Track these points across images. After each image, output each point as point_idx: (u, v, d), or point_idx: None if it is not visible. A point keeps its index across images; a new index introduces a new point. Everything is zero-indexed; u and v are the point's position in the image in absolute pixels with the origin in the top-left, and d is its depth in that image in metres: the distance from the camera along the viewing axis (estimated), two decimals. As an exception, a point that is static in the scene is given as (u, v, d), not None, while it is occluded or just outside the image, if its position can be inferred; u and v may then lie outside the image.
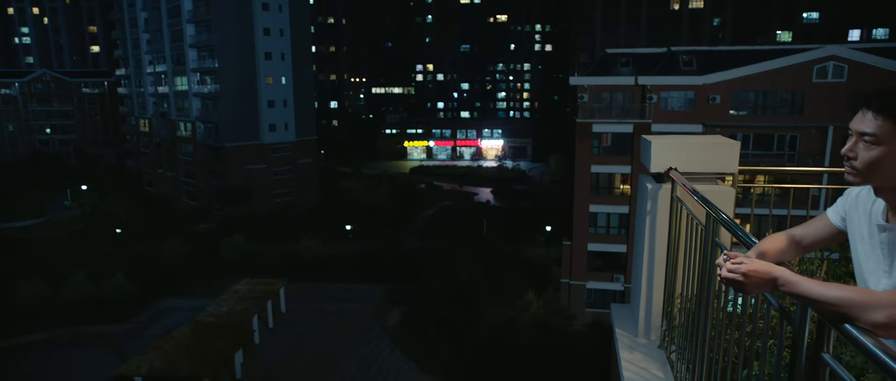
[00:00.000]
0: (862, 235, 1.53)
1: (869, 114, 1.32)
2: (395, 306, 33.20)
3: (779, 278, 1.36)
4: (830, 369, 1.30)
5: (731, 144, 3.31)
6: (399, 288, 35.11)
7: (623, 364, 3.33)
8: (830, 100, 25.51)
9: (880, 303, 1.17)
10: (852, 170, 1.38)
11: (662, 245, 3.37)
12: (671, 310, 3.26)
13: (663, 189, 3.34)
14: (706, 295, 2.48)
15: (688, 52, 29.24)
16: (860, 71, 25.46)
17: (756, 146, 27.46)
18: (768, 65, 26.45)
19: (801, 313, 1.41)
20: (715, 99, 27.20)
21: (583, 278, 30.13)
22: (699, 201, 2.50)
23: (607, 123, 28.32)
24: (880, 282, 1.46)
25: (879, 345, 1.11)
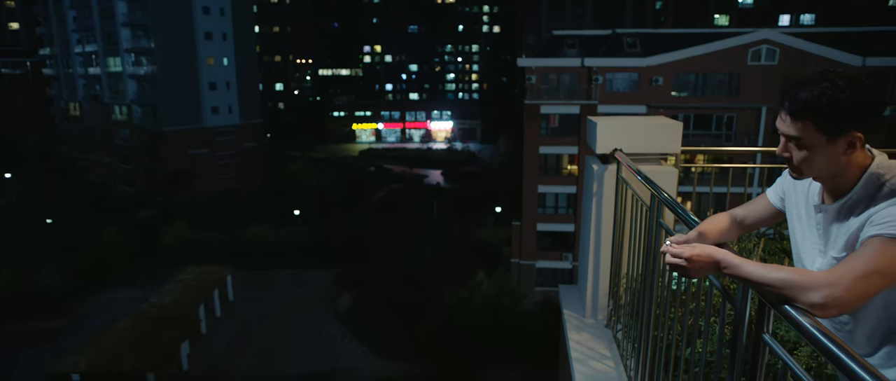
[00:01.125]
0: (799, 215, 1.56)
1: (788, 117, 1.34)
2: (345, 290, 32.94)
3: (721, 262, 1.37)
4: (770, 348, 1.32)
5: (673, 124, 3.36)
6: (350, 272, 34.83)
7: (571, 345, 3.37)
8: (764, 82, 26.66)
9: (818, 284, 1.19)
10: (792, 169, 1.42)
11: (608, 226, 3.41)
12: (617, 290, 3.31)
13: (609, 170, 3.37)
14: (650, 274, 2.51)
15: (632, 34, 29.87)
16: (790, 54, 26.69)
17: (696, 126, 28.47)
18: (707, 48, 27.35)
19: (743, 293, 1.42)
20: (658, 81, 27.96)
21: (532, 258, 30.68)
22: (643, 181, 2.52)
23: (555, 104, 28.71)
24: (815, 261, 1.49)
25: (816, 325, 1.13)
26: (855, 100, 1.26)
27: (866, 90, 1.27)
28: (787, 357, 1.23)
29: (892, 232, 1.22)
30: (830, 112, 1.28)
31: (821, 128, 1.30)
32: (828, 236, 1.45)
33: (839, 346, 1.03)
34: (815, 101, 1.28)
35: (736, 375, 1.54)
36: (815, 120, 1.30)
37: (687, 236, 1.65)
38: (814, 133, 1.31)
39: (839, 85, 1.26)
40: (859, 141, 1.31)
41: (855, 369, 0.97)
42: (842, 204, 1.40)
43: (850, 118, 1.28)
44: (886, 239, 1.22)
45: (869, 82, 1.27)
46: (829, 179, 1.40)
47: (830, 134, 1.30)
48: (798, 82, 1.32)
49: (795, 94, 1.31)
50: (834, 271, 1.21)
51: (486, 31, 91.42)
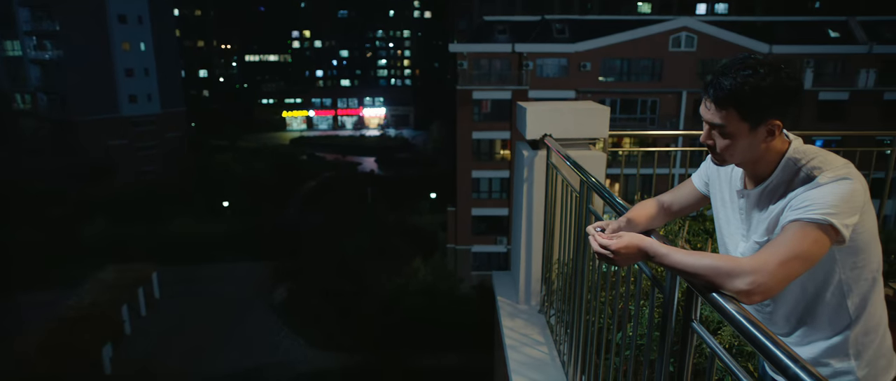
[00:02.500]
0: (723, 200, 1.58)
1: (712, 105, 1.34)
2: (279, 282, 32.13)
3: (647, 251, 1.37)
4: (697, 334, 1.32)
5: (601, 109, 3.38)
6: (283, 264, 33.98)
7: (505, 332, 3.36)
8: (684, 67, 27.92)
9: (743, 270, 1.20)
10: (715, 156, 1.43)
11: (540, 211, 3.40)
12: (549, 275, 3.32)
13: (539, 156, 3.35)
14: (581, 259, 2.51)
15: (560, 20, 30.43)
16: (707, 41, 28.06)
17: (622, 111, 29.47)
18: (632, 34, 28.29)
19: (671, 280, 1.42)
20: (586, 66, 28.69)
21: (468, 243, 30.98)
22: (572, 166, 2.50)
23: (486, 89, 28.93)
24: (739, 246, 1.51)
25: (740, 310, 1.14)
26: (776, 88, 1.27)
27: (786, 78, 1.28)
28: (714, 345, 1.23)
29: (809, 216, 1.24)
30: (753, 100, 1.28)
31: (743, 116, 1.31)
32: (750, 220, 1.47)
33: (761, 330, 1.05)
34: (738, 88, 1.28)
35: (665, 358, 1.54)
36: (739, 108, 1.30)
37: (617, 222, 1.64)
38: (737, 121, 1.32)
39: (761, 73, 1.27)
40: (778, 128, 1.34)
41: (775, 352, 0.99)
42: (762, 189, 1.42)
43: (772, 106, 1.30)
44: (804, 223, 1.24)
45: (787, 70, 1.29)
46: (749, 164, 1.42)
47: (752, 122, 1.32)
48: (721, 70, 1.32)
49: (719, 82, 1.31)
50: (757, 258, 1.22)
51: (417, 16, 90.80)
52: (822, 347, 1.42)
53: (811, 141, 5.14)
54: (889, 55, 28.75)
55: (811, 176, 1.30)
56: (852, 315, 1.38)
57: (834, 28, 29.98)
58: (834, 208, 1.23)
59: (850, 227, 1.25)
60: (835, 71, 29.27)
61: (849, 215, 1.24)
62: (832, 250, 1.32)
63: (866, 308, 1.39)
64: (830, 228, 1.23)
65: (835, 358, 1.41)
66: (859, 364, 1.40)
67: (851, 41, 29.24)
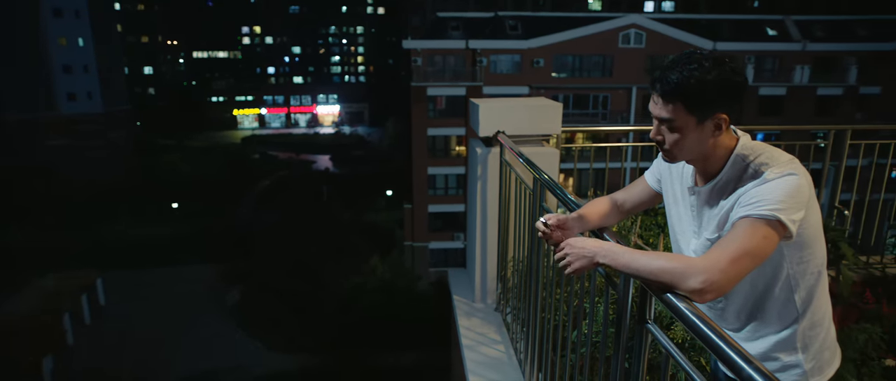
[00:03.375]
0: (675, 197, 1.58)
1: (659, 99, 1.35)
2: (232, 284, 31.32)
3: (597, 255, 1.36)
4: (652, 335, 1.31)
5: (554, 106, 3.38)
6: (236, 265, 33.14)
7: (461, 331, 3.32)
8: (633, 63, 28.59)
9: (696, 269, 1.20)
10: (665, 153, 1.43)
11: (494, 209, 3.38)
12: (505, 273, 3.30)
13: (492, 153, 3.33)
14: (536, 257, 2.50)
15: (513, 17, 30.67)
16: (655, 38, 28.84)
17: (575, 106, 29.97)
18: (583, 31, 28.78)
19: (624, 279, 1.40)
20: (539, 62, 29.02)
21: (425, 240, 30.95)
22: (526, 164, 2.48)
23: (441, 86, 28.92)
24: (690, 243, 1.51)
25: (692, 308, 1.15)
26: (721, 81, 1.29)
27: (730, 72, 1.30)
28: (668, 345, 1.22)
29: (758, 212, 1.25)
30: (699, 93, 1.29)
31: (690, 109, 1.32)
32: (701, 217, 1.48)
33: (712, 328, 1.06)
34: (685, 82, 1.29)
35: (621, 355, 1.54)
36: (685, 101, 1.31)
37: (568, 216, 1.64)
38: (684, 115, 1.33)
39: (706, 66, 1.29)
40: (725, 123, 1.34)
41: (726, 350, 1.00)
42: (712, 186, 1.43)
43: (717, 100, 1.31)
44: (754, 220, 1.25)
45: (732, 65, 1.31)
46: (699, 161, 1.43)
47: (699, 115, 1.32)
48: (668, 65, 1.33)
49: (666, 76, 1.32)
50: (709, 256, 1.22)
51: (370, 12, 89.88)
52: (772, 341, 1.44)
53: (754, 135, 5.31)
54: (821, 53, 30.22)
55: (759, 172, 1.31)
56: (799, 309, 1.41)
57: (771, 26, 31.29)
58: (781, 204, 1.24)
59: (797, 222, 1.26)
60: (773, 67, 30.57)
61: (795, 211, 1.26)
62: (780, 246, 1.33)
63: (812, 302, 1.41)
64: (778, 223, 1.24)
65: (783, 352, 1.43)
66: (806, 357, 1.43)
67: (787, 39, 30.58)
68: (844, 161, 4.29)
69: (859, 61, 30.14)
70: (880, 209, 4.44)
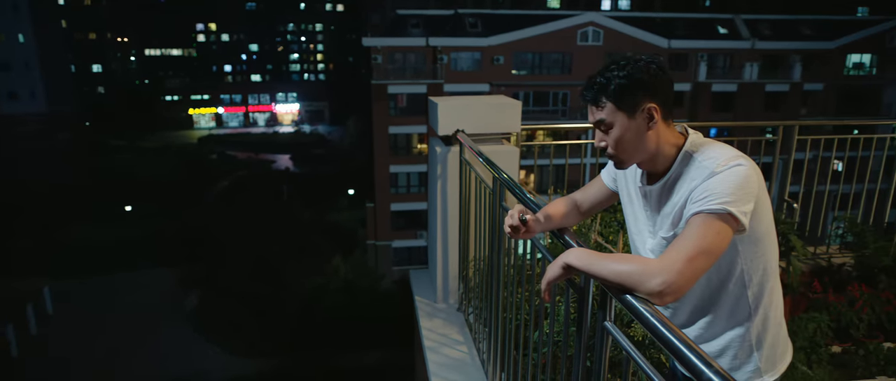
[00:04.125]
0: (629, 196, 1.59)
1: (592, 106, 1.42)
2: (190, 288, 30.49)
3: (566, 261, 1.37)
4: (613, 337, 1.30)
5: (513, 103, 3.37)
6: (195, 269, 32.28)
7: (423, 332, 3.28)
8: (592, 61, 29.04)
9: (653, 272, 1.20)
10: (613, 159, 1.47)
11: (455, 208, 3.35)
12: (467, 273, 3.28)
13: (452, 152, 3.30)
14: (497, 256, 2.48)
15: (473, 14, 30.75)
16: (612, 36, 29.37)
17: (535, 103, 30.27)
18: (542, 28, 29.07)
19: (585, 280, 1.40)
20: (499, 60, 29.19)
21: (388, 238, 30.78)
22: (485, 163, 2.46)
23: (402, 84, 28.78)
24: (646, 242, 1.52)
25: (652, 311, 1.14)
26: (639, 72, 1.35)
27: (646, 63, 1.37)
28: (628, 346, 1.21)
29: (709, 208, 1.26)
30: (622, 88, 1.36)
31: (619, 105, 1.38)
32: (655, 216, 1.49)
33: (670, 329, 1.07)
34: (607, 82, 1.37)
35: (582, 354, 1.53)
36: (612, 99, 1.38)
37: (535, 216, 1.67)
38: (614, 112, 1.39)
39: (622, 64, 1.37)
40: (656, 112, 1.38)
41: (684, 351, 1.01)
42: (663, 184, 1.44)
43: (640, 90, 1.36)
44: (706, 216, 1.26)
45: (647, 59, 1.38)
46: (648, 162, 1.45)
47: (628, 109, 1.37)
48: (592, 75, 1.43)
49: (592, 82, 1.41)
50: (664, 258, 1.22)
51: (329, 9, 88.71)
52: (726, 338, 1.45)
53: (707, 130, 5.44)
54: (769, 51, 31.39)
55: (707, 167, 1.32)
56: (752, 305, 1.42)
57: (722, 25, 32.30)
58: (731, 196, 1.25)
59: (748, 214, 1.27)
60: (724, 65, 31.57)
61: (745, 202, 1.27)
62: (735, 241, 1.35)
63: (764, 298, 1.43)
64: (730, 217, 1.25)
65: (737, 348, 1.45)
66: (760, 353, 1.45)
67: (737, 37, 31.62)
68: (793, 155, 4.43)
69: (803, 59, 31.42)
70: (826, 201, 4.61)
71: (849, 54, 31.97)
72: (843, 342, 3.63)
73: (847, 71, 32.27)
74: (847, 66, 32.21)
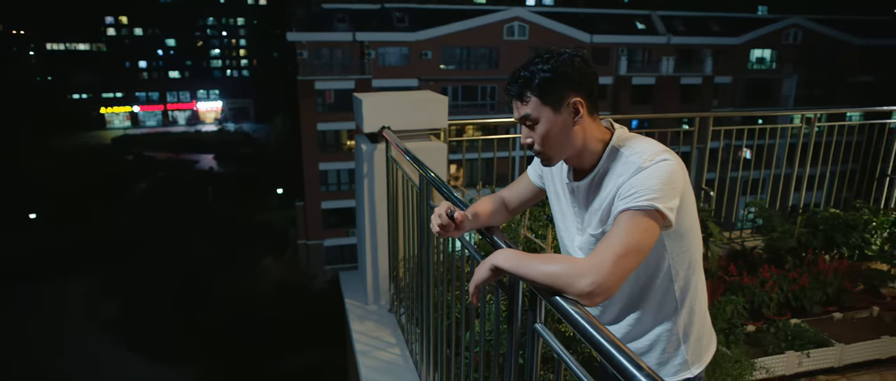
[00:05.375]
0: (556, 193, 1.57)
1: (516, 101, 1.38)
2: (112, 297, 28.70)
3: (494, 263, 1.33)
4: (543, 339, 1.27)
5: (439, 99, 3.32)
6: (113, 276, 30.41)
7: (354, 336, 3.19)
8: (518, 55, 29.53)
9: (582, 272, 1.17)
10: (540, 156, 1.43)
11: (383, 207, 3.27)
12: (397, 273, 3.21)
13: (378, 149, 3.21)
14: (426, 256, 2.43)
15: (400, 9, 30.53)
16: (537, 31, 30.01)
17: (464, 98, 30.48)
18: (469, 23, 29.28)
19: (513, 281, 1.36)
20: (427, 55, 29.16)
21: (320, 237, 30.17)
22: (412, 161, 2.39)
23: (329, 80, 28.21)
24: (575, 240, 1.50)
25: (581, 312, 1.11)
26: (562, 66, 1.32)
27: (569, 57, 1.34)
28: (558, 348, 1.19)
29: (636, 204, 1.24)
30: (546, 82, 1.33)
31: (543, 99, 1.34)
32: (583, 213, 1.47)
33: (598, 329, 1.04)
34: (531, 76, 1.34)
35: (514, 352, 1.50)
36: (537, 94, 1.34)
37: (463, 213, 1.62)
38: (539, 107, 1.35)
39: (546, 57, 1.34)
40: (582, 106, 1.35)
41: (614, 353, 0.99)
42: (590, 180, 1.41)
43: (565, 83, 1.33)
44: (633, 213, 1.24)
45: (571, 52, 1.35)
46: (574, 158, 1.42)
47: (553, 103, 1.34)
48: (515, 70, 1.38)
49: (515, 77, 1.37)
50: (593, 258, 1.20)
51: (251, 3, 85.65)
52: (655, 333, 1.46)
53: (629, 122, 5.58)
54: (683, 46, 33.11)
55: (633, 162, 1.31)
56: (679, 299, 1.43)
57: (640, 21, 33.73)
58: (658, 192, 1.24)
59: (674, 210, 1.26)
60: (643, 59, 33.00)
61: (672, 198, 1.26)
62: (662, 237, 1.34)
63: (690, 291, 1.44)
64: (657, 213, 1.24)
65: (665, 342, 1.46)
66: (687, 346, 1.46)
67: (654, 33, 33.13)
68: (708, 144, 4.64)
69: (714, 54, 33.37)
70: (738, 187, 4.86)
71: (752, 50, 34.22)
72: (756, 321, 3.84)
73: (751, 65, 34.54)
74: (751, 60, 34.48)
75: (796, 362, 3.49)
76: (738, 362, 3.12)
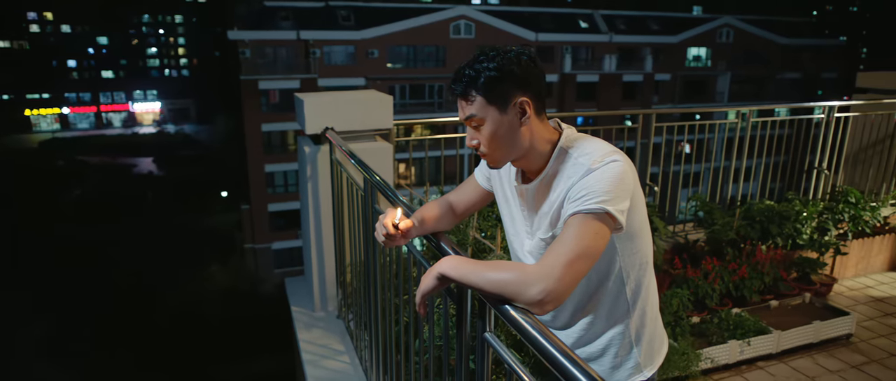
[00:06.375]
0: (505, 196, 1.52)
1: (461, 100, 1.32)
2: (45, 314, 27.08)
3: (441, 272, 1.26)
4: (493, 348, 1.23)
5: (384, 98, 3.24)
6: (49, 290, 28.72)
7: (301, 345, 3.08)
8: (465, 53, 29.67)
9: (533, 279, 1.12)
10: (486, 158, 1.37)
11: (328, 211, 3.17)
12: (344, 278, 3.11)
13: (322, 151, 3.11)
14: (372, 261, 2.35)
15: (345, 7, 30.12)
16: (483, 29, 30.23)
17: (412, 96, 30.38)
18: (415, 21, 29.18)
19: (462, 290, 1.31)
20: (374, 53, 28.88)
21: (267, 241, 29.45)
22: (357, 164, 2.31)
23: (273, 79, 27.54)
24: (524, 244, 1.46)
25: (532, 321, 1.07)
26: (508, 65, 1.27)
27: (516, 56, 1.28)
28: (509, 359, 1.14)
29: (586, 207, 1.20)
30: (492, 81, 1.27)
31: (490, 100, 1.28)
32: (533, 216, 1.42)
33: (549, 338, 1.01)
34: (476, 75, 1.28)
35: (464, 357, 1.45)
36: (483, 93, 1.28)
37: (408, 221, 1.54)
38: (485, 107, 1.29)
39: (491, 55, 1.28)
40: (529, 106, 1.30)
41: (563, 362, 0.96)
42: (539, 182, 1.37)
43: (511, 83, 1.27)
44: (583, 216, 1.20)
45: (517, 50, 1.30)
46: (523, 160, 1.37)
47: (500, 104, 1.28)
48: (460, 68, 1.32)
49: (459, 75, 1.31)
50: (543, 264, 1.15)
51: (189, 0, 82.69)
52: (607, 337, 1.43)
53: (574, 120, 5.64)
54: (624, 44, 34.10)
55: (583, 163, 1.27)
56: (630, 301, 1.41)
57: (583, 19, 34.50)
58: (608, 194, 1.20)
59: (625, 212, 1.23)
60: (587, 57, 33.78)
61: (622, 200, 1.22)
62: (613, 239, 1.31)
63: (641, 293, 1.42)
64: (607, 216, 1.20)
65: (618, 346, 1.44)
66: (639, 349, 1.45)
67: (596, 31, 33.96)
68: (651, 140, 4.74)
69: (653, 52, 34.52)
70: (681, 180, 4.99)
71: (689, 48, 35.60)
72: (700, 312, 3.94)
73: (688, 63, 35.94)
74: (688, 58, 35.87)
75: (738, 350, 3.60)
76: (684, 354, 3.18)
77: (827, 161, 5.24)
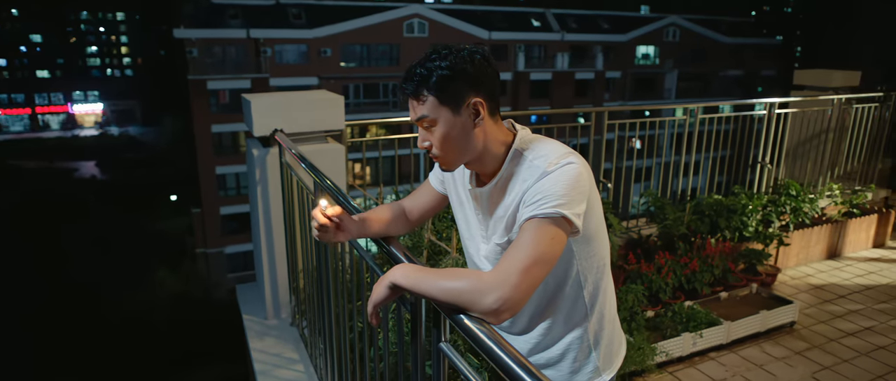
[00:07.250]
0: (460, 200, 1.47)
1: (412, 100, 1.27)
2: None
3: (393, 280, 1.20)
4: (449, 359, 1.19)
5: (335, 99, 3.16)
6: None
7: (253, 355, 2.97)
8: (419, 52, 29.44)
9: (488, 288, 1.07)
10: (439, 160, 1.31)
11: (278, 215, 3.07)
12: (297, 284, 3.02)
13: (271, 154, 3.01)
14: (325, 266, 2.28)
15: (296, 5, 29.57)
16: (437, 28, 30.22)
17: (366, 95, 30.09)
18: (369, 20, 28.90)
19: (416, 299, 1.26)
20: (326, 52, 28.45)
21: (220, 245, 28.65)
22: (307, 168, 2.23)
23: (222, 79, 26.79)
24: (480, 249, 1.42)
25: (487, 331, 1.02)
26: (461, 64, 1.22)
27: (469, 55, 1.24)
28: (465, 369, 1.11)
29: (542, 212, 1.16)
30: (445, 81, 1.22)
31: (441, 99, 1.23)
32: (488, 220, 1.38)
33: (504, 349, 0.96)
34: (428, 74, 1.23)
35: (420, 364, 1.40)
36: (435, 93, 1.23)
37: (340, 210, 1.44)
38: (437, 107, 1.24)
39: (443, 53, 1.23)
40: (483, 107, 1.26)
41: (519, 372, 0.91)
42: (494, 185, 1.33)
43: (464, 83, 1.23)
44: (539, 221, 1.16)
45: (471, 49, 1.26)
46: (476, 163, 1.33)
47: (452, 104, 1.24)
48: (411, 67, 1.26)
49: (410, 73, 1.25)
50: (498, 271, 1.10)
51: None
52: (566, 341, 1.41)
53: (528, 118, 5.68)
54: (576, 42, 34.72)
55: (538, 166, 1.24)
56: (588, 305, 1.39)
57: (535, 18, 34.93)
58: (564, 198, 1.17)
59: (581, 215, 1.21)
60: (540, 55, 34.23)
61: (578, 203, 1.19)
62: (569, 242, 1.28)
63: (599, 296, 1.41)
64: (564, 220, 1.17)
65: (577, 350, 1.42)
66: (598, 352, 1.43)
67: (549, 30, 34.44)
68: (604, 137, 4.80)
69: (604, 50, 35.27)
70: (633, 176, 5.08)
71: (638, 46, 36.54)
72: (654, 306, 4.01)
73: (637, 61, 36.90)
74: (637, 56, 36.82)
75: (691, 342, 3.68)
76: (640, 348, 3.22)
77: (769, 155, 5.44)
